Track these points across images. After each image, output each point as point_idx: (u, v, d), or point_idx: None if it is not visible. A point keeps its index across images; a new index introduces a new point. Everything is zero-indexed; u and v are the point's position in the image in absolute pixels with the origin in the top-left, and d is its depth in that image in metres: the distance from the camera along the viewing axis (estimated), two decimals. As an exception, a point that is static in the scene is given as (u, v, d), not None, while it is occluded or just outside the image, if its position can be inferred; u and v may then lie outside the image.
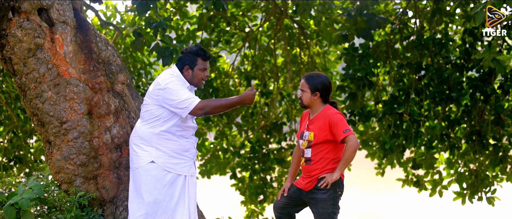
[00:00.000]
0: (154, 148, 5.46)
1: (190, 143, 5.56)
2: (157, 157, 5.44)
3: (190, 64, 5.51)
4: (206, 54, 5.53)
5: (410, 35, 10.86)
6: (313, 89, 5.72)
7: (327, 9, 11.26)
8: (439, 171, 11.98)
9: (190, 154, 5.57)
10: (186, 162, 5.53)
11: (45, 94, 5.78)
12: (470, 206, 12.41)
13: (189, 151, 5.56)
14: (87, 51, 6.02)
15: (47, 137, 5.93)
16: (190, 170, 5.54)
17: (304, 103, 5.78)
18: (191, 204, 5.52)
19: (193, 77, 5.52)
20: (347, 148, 5.54)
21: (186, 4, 11.65)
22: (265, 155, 13.04)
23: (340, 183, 5.70)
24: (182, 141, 5.49)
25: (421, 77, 10.83)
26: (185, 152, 5.52)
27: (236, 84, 13.49)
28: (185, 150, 5.51)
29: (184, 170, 5.48)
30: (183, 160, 5.50)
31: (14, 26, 5.64)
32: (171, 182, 5.43)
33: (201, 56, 5.50)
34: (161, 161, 5.43)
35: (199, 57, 5.50)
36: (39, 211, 5.94)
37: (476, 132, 10.85)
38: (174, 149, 5.46)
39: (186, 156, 5.53)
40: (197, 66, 5.50)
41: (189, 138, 5.57)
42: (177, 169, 5.45)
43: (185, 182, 5.48)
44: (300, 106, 5.90)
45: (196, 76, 5.52)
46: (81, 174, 5.88)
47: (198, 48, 5.54)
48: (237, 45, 13.15)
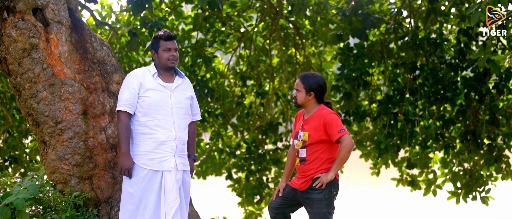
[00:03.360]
0: (134, 144, 5.48)
1: (167, 136, 5.45)
2: (135, 154, 5.45)
3: (156, 48, 5.55)
4: (167, 34, 5.56)
5: (405, 35, 10.88)
6: (308, 89, 5.72)
7: (322, 9, 11.27)
8: (434, 170, 12.00)
9: (167, 147, 5.46)
10: (164, 156, 5.44)
11: (40, 94, 5.78)
12: (464, 205, 12.43)
13: (166, 143, 5.45)
14: (82, 51, 6.02)
15: (42, 137, 5.92)
16: (167, 165, 5.44)
17: (299, 103, 5.78)
18: (169, 200, 5.44)
19: (160, 58, 5.53)
20: (342, 148, 5.54)
21: (181, 4, 11.65)
22: (261, 156, 13.03)
23: (335, 183, 5.70)
24: (157, 134, 5.42)
25: (416, 77, 10.85)
26: (162, 145, 5.43)
27: (231, 85, 13.49)
28: (161, 143, 5.42)
29: (159, 165, 5.42)
30: (158, 154, 5.43)
31: (9, 26, 5.64)
32: (148, 178, 5.41)
33: (162, 37, 5.53)
34: (138, 158, 5.43)
35: (161, 39, 5.53)
36: (34, 211, 5.94)
37: (470, 132, 10.88)
38: (149, 143, 5.42)
39: (164, 150, 5.44)
40: (160, 47, 5.52)
41: (168, 128, 5.48)
42: (152, 165, 5.41)
43: (162, 177, 5.43)
44: (294, 106, 5.88)
45: (161, 57, 5.51)
46: (76, 174, 5.88)
47: (161, 31, 5.61)
48: (233, 46, 13.15)
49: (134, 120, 5.48)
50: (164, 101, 5.47)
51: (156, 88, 5.47)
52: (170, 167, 5.45)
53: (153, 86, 5.46)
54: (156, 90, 5.46)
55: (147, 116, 5.42)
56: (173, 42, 5.56)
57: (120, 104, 5.44)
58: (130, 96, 5.42)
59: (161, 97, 5.46)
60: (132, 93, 5.43)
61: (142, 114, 5.44)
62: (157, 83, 5.50)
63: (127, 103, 5.42)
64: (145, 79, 5.49)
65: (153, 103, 5.42)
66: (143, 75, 5.52)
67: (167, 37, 5.54)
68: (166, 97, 5.49)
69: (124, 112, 5.43)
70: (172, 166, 5.46)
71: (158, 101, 5.43)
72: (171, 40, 5.55)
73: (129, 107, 5.42)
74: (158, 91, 5.47)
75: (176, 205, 5.45)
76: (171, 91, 5.53)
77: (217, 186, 21.34)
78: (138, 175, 5.40)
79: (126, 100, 5.42)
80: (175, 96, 5.55)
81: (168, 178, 5.43)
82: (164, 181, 5.42)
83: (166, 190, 5.42)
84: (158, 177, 5.41)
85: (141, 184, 5.39)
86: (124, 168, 5.41)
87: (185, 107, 5.62)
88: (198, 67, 12.06)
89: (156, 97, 5.44)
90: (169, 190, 5.42)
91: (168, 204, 5.42)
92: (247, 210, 13.75)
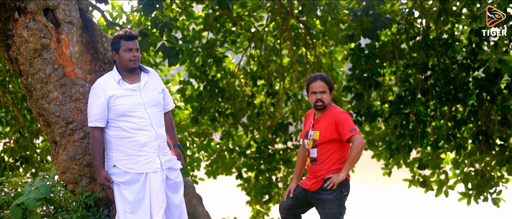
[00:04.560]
0: (113, 150, 5.46)
1: (148, 137, 5.41)
2: (118, 159, 5.43)
3: (116, 48, 5.48)
4: (127, 34, 5.45)
5: (416, 35, 10.84)
6: (331, 89, 5.72)
7: (333, 9, 11.24)
8: (445, 171, 11.95)
9: (150, 148, 5.43)
10: (147, 157, 5.41)
11: (51, 95, 5.78)
12: (476, 206, 12.37)
13: (148, 144, 5.41)
14: (93, 52, 6.02)
15: (53, 137, 5.93)
16: (153, 166, 5.42)
17: (326, 104, 5.73)
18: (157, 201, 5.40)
19: (121, 59, 5.45)
20: (353, 147, 5.53)
21: (192, 4, 11.65)
22: (270, 155, 13.02)
23: (346, 183, 5.69)
24: (138, 136, 5.38)
25: (427, 77, 10.81)
26: (144, 147, 5.39)
27: (242, 85, 13.48)
28: (143, 145, 5.39)
29: (144, 167, 5.39)
30: (142, 156, 5.40)
31: (20, 26, 5.65)
32: (133, 181, 5.40)
33: (123, 37, 5.44)
34: (122, 163, 5.41)
35: (121, 39, 5.45)
36: (45, 211, 5.95)
37: (482, 132, 10.82)
38: (131, 146, 5.39)
39: (147, 152, 5.41)
40: (121, 48, 5.44)
41: (147, 129, 5.42)
42: (137, 168, 5.38)
43: (146, 179, 5.41)
44: (319, 108, 5.76)
45: (122, 58, 5.43)
46: (87, 174, 5.89)
47: (121, 31, 5.51)
48: (243, 46, 13.15)
49: (110, 126, 5.44)
50: (137, 104, 5.41)
51: (124, 94, 5.41)
52: (156, 168, 5.44)
53: (121, 93, 5.40)
54: (125, 96, 5.41)
55: (123, 121, 5.39)
56: (135, 42, 5.48)
57: (91, 120, 5.41)
58: (99, 111, 5.38)
59: (132, 101, 5.40)
60: (100, 108, 5.38)
61: (118, 120, 5.39)
62: (125, 88, 5.43)
63: (97, 118, 5.39)
64: (110, 88, 5.41)
65: (126, 110, 5.37)
66: (108, 85, 5.42)
67: (128, 37, 5.46)
68: (137, 99, 5.43)
69: (96, 127, 5.41)
70: (158, 166, 5.45)
71: (130, 106, 5.38)
72: (132, 40, 5.47)
73: (100, 122, 5.39)
74: (128, 97, 5.41)
75: (164, 206, 5.45)
76: (140, 91, 5.48)
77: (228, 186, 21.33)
78: (126, 180, 5.41)
79: (95, 115, 5.39)
80: (146, 95, 5.50)
81: (155, 179, 5.42)
82: (150, 182, 5.39)
83: (153, 191, 5.40)
84: (144, 179, 5.40)
85: (131, 188, 5.39)
86: (101, 182, 5.46)
87: (158, 104, 5.59)
88: (209, 67, 12.07)
89: (127, 103, 5.39)
90: (156, 191, 5.41)
91: (156, 205, 5.40)
92: (254, 209, 13.75)
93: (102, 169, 5.44)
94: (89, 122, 5.42)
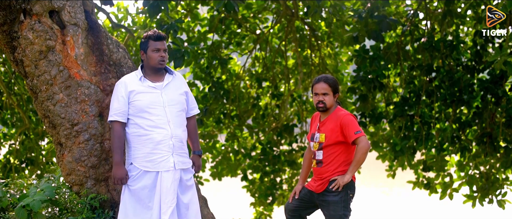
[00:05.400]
0: (132, 148, 5.51)
1: (163, 135, 5.47)
2: (135, 157, 5.48)
3: (144, 48, 5.58)
4: (156, 34, 5.57)
5: (421, 37, 10.83)
6: (335, 91, 5.72)
7: (338, 11, 11.24)
8: (450, 173, 11.94)
9: (165, 146, 5.48)
10: (162, 156, 5.46)
11: (56, 97, 5.80)
12: (481, 209, 12.34)
13: (163, 143, 5.46)
14: (98, 53, 6.04)
15: (59, 139, 5.94)
16: (166, 165, 5.46)
17: (328, 106, 5.73)
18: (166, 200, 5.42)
19: (149, 59, 5.56)
20: (358, 149, 5.53)
21: (197, 6, 11.66)
22: (275, 157, 13.03)
23: (351, 185, 5.69)
24: (153, 134, 5.44)
25: (432, 79, 10.80)
26: (159, 145, 5.44)
27: (247, 86, 13.49)
28: (158, 143, 5.44)
29: (159, 166, 5.43)
30: (157, 155, 5.45)
31: (25, 28, 5.66)
32: (151, 180, 5.43)
33: (151, 38, 5.55)
34: (138, 161, 5.45)
35: (150, 40, 5.55)
36: (50, 213, 5.96)
37: (487, 134, 10.81)
38: (147, 144, 5.44)
39: (161, 150, 5.45)
40: (149, 48, 5.54)
41: (163, 127, 5.49)
42: (151, 167, 5.42)
43: (158, 177, 5.44)
44: (320, 110, 5.78)
45: (150, 58, 5.54)
46: (92, 176, 5.90)
47: (150, 31, 5.63)
48: (248, 47, 13.16)
49: (130, 124, 5.52)
50: (156, 102, 5.49)
51: (145, 90, 5.50)
52: (169, 167, 5.47)
53: (142, 90, 5.50)
54: (146, 92, 5.50)
55: (141, 118, 5.45)
56: (163, 43, 5.58)
57: (111, 114, 5.49)
58: (120, 105, 5.47)
59: (151, 98, 5.49)
60: (121, 102, 5.47)
61: (136, 117, 5.47)
62: (146, 86, 5.53)
63: (117, 113, 5.47)
64: (132, 84, 5.52)
65: (144, 106, 5.45)
66: (130, 81, 5.55)
67: (156, 38, 5.56)
68: (157, 97, 5.51)
69: (116, 121, 5.48)
70: (171, 165, 5.49)
71: (149, 103, 5.46)
72: (161, 40, 5.57)
73: (120, 116, 5.47)
74: (148, 93, 5.50)
75: (173, 205, 5.47)
76: (161, 90, 5.56)
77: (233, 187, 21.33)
78: (138, 177, 5.45)
79: (116, 109, 5.48)
80: (167, 94, 5.57)
81: (166, 178, 5.45)
82: (162, 181, 5.43)
83: (164, 190, 5.43)
84: (157, 177, 5.44)
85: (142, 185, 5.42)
86: (117, 178, 5.47)
87: (179, 104, 5.65)
88: (214, 69, 12.09)
89: (146, 99, 5.47)
90: (166, 190, 5.43)
91: (165, 204, 5.43)
92: (257, 211, 13.76)
93: (122, 167, 5.49)
94: (110, 116, 5.50)
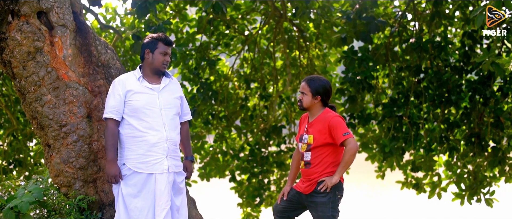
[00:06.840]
0: (125, 149, 5.49)
1: (158, 137, 5.44)
2: (128, 158, 5.46)
3: (151, 47, 5.55)
4: (168, 39, 5.59)
5: (409, 38, 10.87)
6: (315, 93, 5.72)
7: (326, 12, 11.25)
8: (438, 173, 11.99)
9: (159, 149, 5.46)
10: (156, 159, 5.44)
11: (44, 98, 5.78)
12: (469, 207, 12.41)
13: (157, 145, 5.45)
14: (86, 55, 6.02)
15: (47, 140, 5.93)
16: (160, 167, 5.45)
17: (304, 106, 5.77)
18: (160, 202, 5.42)
19: (154, 60, 5.54)
20: (347, 151, 5.53)
21: (185, 7, 11.65)
22: (264, 158, 13.03)
23: (339, 186, 5.69)
24: (148, 136, 5.42)
25: (421, 80, 10.84)
26: (153, 147, 5.43)
27: (235, 87, 13.49)
28: (152, 145, 5.42)
29: (152, 168, 5.41)
30: (151, 157, 5.43)
31: (13, 29, 5.64)
32: (142, 181, 5.43)
33: (162, 40, 5.56)
34: (131, 162, 5.44)
35: (160, 42, 5.55)
36: (38, 214, 5.94)
37: (475, 134, 10.86)
38: (141, 146, 5.42)
39: (156, 152, 5.44)
40: (158, 49, 5.53)
41: (158, 130, 5.47)
42: (144, 168, 5.41)
43: (153, 179, 5.43)
44: (299, 109, 5.87)
45: (156, 59, 5.53)
46: (80, 177, 5.88)
47: (160, 34, 5.64)
48: (237, 48, 13.16)
49: (124, 124, 5.49)
50: (152, 103, 5.47)
51: (142, 91, 5.48)
52: (163, 169, 5.46)
53: (139, 90, 5.48)
54: (143, 93, 5.48)
55: (136, 119, 5.43)
56: (170, 49, 5.63)
57: (107, 111, 5.46)
58: (116, 103, 5.45)
59: (148, 100, 5.47)
60: (117, 100, 5.45)
61: (131, 118, 5.45)
62: (143, 86, 5.52)
63: (113, 110, 5.45)
64: (130, 83, 5.50)
65: (140, 106, 5.43)
66: (128, 80, 5.53)
67: (167, 42, 5.58)
68: (154, 99, 5.50)
69: (111, 119, 5.46)
70: (165, 168, 5.47)
71: (145, 104, 5.44)
72: (170, 46, 5.61)
73: (115, 114, 5.45)
74: (145, 94, 5.48)
75: (167, 208, 5.47)
76: (158, 92, 5.55)
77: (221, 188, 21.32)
78: (132, 179, 5.42)
79: (112, 107, 5.45)
80: (164, 97, 5.56)
81: (161, 180, 5.44)
82: (156, 183, 5.42)
83: (158, 192, 5.42)
84: (151, 179, 5.42)
85: (135, 187, 5.40)
86: (111, 176, 5.43)
87: (174, 107, 5.63)
88: (202, 70, 12.07)
89: (143, 100, 5.45)
90: (160, 193, 5.42)
91: (159, 206, 5.42)
92: (245, 212, 13.75)
93: (116, 164, 5.46)
94: (105, 113, 5.46)
